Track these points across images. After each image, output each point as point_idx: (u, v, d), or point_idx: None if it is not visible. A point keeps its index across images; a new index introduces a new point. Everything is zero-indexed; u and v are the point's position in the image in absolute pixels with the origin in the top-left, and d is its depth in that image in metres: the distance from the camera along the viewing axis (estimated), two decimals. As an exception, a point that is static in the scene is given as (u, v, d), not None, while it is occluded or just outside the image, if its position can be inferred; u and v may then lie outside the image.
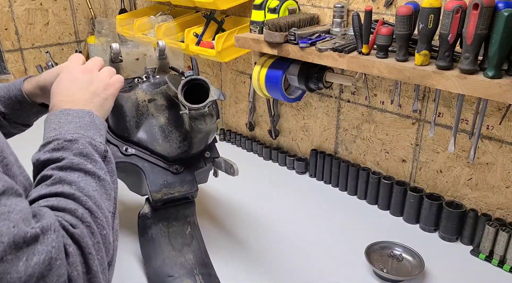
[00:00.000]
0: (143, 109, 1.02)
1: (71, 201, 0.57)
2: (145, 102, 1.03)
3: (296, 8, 1.31)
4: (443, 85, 0.92)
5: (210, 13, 1.56)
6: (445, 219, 1.13)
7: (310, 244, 1.15)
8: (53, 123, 0.68)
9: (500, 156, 1.09)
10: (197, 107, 0.91)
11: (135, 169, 1.01)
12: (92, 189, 0.61)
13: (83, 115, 0.70)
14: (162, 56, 1.08)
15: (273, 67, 1.27)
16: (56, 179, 0.59)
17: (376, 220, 1.25)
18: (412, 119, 1.23)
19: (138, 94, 1.03)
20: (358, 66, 1.05)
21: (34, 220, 0.50)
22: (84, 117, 0.70)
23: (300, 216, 1.27)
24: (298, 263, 1.07)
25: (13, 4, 1.99)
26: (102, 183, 0.63)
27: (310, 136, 1.52)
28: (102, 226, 0.58)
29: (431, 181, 1.25)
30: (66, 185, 0.59)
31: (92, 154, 0.65)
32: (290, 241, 1.16)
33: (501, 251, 1.04)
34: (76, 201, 0.57)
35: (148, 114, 1.03)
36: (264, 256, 1.10)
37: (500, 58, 0.85)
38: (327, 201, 1.34)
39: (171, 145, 1.02)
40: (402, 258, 1.06)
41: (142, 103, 1.03)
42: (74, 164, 0.62)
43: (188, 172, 1.04)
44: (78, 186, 0.59)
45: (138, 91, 1.03)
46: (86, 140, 0.66)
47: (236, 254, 1.10)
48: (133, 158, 1.00)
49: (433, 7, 0.90)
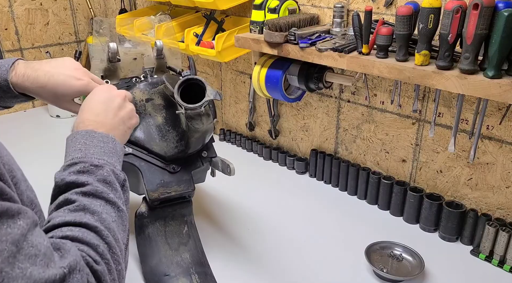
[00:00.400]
0: (140, 108, 1.03)
1: (94, 234, 0.58)
2: (142, 101, 1.04)
3: (296, 8, 1.31)
4: (443, 85, 0.92)
5: (210, 13, 1.56)
6: (445, 219, 1.13)
7: (310, 244, 1.15)
8: (79, 143, 0.68)
9: (500, 156, 1.09)
10: (193, 106, 0.91)
11: (132, 168, 1.01)
12: (112, 220, 0.62)
13: (108, 140, 0.71)
14: (160, 56, 1.09)
15: (273, 67, 1.27)
16: (80, 206, 0.60)
17: (376, 220, 1.25)
18: (412, 119, 1.23)
19: (135, 94, 1.03)
20: (358, 66, 1.05)
21: (57, 255, 0.50)
22: (108, 143, 0.70)
23: (300, 216, 1.27)
24: (297, 263, 1.07)
25: (13, 4, 1.99)
26: (120, 214, 0.64)
27: (310, 136, 1.52)
28: (118, 261, 0.59)
29: (431, 181, 1.25)
30: (89, 214, 0.59)
31: (114, 183, 0.66)
32: (289, 241, 1.16)
33: (501, 251, 1.04)
34: (99, 235, 0.58)
35: (145, 113, 1.03)
36: (263, 256, 1.10)
37: (500, 58, 0.85)
38: (327, 201, 1.34)
39: (168, 144, 1.03)
40: (402, 258, 1.06)
41: (140, 102, 1.03)
42: (98, 192, 0.62)
43: (185, 171, 1.04)
44: (100, 217, 0.60)
45: (136, 91, 1.04)
46: (110, 168, 0.67)
47: (233, 254, 1.10)
48: (130, 157, 1.01)
49: (433, 7, 0.90)
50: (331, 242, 1.15)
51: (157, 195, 1.00)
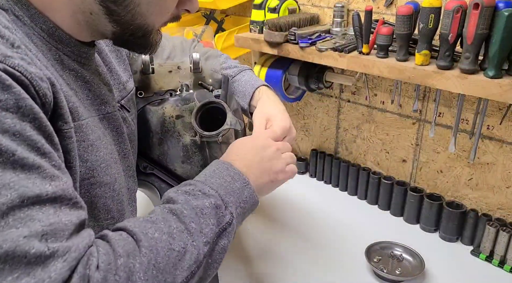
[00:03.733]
0: (169, 125, 0.93)
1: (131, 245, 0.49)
2: (172, 118, 0.93)
3: (296, 7, 1.31)
4: (444, 85, 0.92)
5: (210, 13, 1.56)
6: (446, 219, 1.13)
7: (310, 244, 1.14)
8: (209, 170, 0.67)
9: (500, 156, 1.09)
10: (208, 134, 0.84)
11: (150, 188, 0.95)
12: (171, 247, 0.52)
13: (238, 179, 0.65)
14: (196, 70, 0.98)
15: (273, 67, 1.26)
16: (152, 219, 0.54)
17: (376, 220, 1.24)
18: (412, 119, 1.23)
19: (165, 109, 0.93)
20: (359, 66, 1.05)
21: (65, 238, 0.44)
22: (237, 182, 0.65)
23: (300, 216, 1.27)
24: (297, 263, 1.07)
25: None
26: (191, 249, 0.53)
27: (310, 136, 1.52)
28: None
29: (431, 181, 1.24)
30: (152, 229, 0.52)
31: (209, 217, 0.58)
32: (289, 241, 1.15)
33: (502, 252, 1.03)
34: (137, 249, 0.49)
35: (173, 131, 0.93)
36: (261, 256, 1.10)
37: (501, 58, 0.85)
38: (327, 201, 1.34)
39: (192, 168, 0.94)
40: (402, 258, 1.06)
41: (169, 119, 0.93)
42: (182, 214, 0.56)
43: None
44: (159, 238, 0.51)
45: (167, 106, 0.93)
46: (217, 202, 0.60)
47: (233, 254, 1.10)
48: (151, 177, 0.94)
49: (433, 7, 0.90)
50: (331, 242, 1.15)
51: None
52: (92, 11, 0.57)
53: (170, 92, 0.96)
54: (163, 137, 0.94)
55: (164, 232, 0.53)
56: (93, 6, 0.56)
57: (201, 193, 0.60)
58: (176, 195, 0.60)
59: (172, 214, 0.56)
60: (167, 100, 0.94)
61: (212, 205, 0.59)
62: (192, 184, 0.62)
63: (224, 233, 0.59)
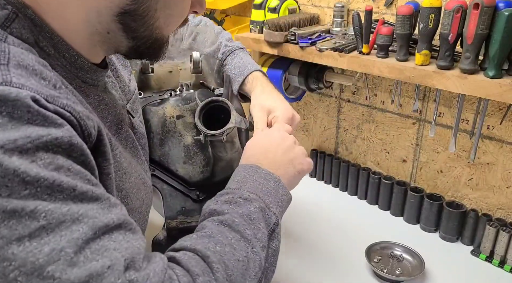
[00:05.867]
0: (170, 125, 0.92)
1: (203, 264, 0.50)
2: (173, 118, 0.92)
3: (296, 7, 1.31)
4: (444, 85, 0.92)
5: (210, 13, 1.56)
6: (446, 219, 1.13)
7: (310, 244, 1.14)
8: (239, 175, 0.66)
9: (500, 156, 1.09)
10: (212, 133, 0.83)
11: (154, 191, 0.93)
12: (237, 258, 0.53)
13: (270, 179, 0.66)
14: (196, 69, 0.97)
15: (273, 66, 1.26)
16: (208, 233, 0.55)
17: (376, 220, 1.24)
18: (412, 119, 1.23)
19: (166, 109, 0.92)
20: (359, 65, 1.05)
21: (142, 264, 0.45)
22: (270, 182, 0.65)
23: (300, 216, 1.26)
24: (297, 263, 1.07)
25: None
26: (253, 256, 0.55)
27: (310, 136, 1.52)
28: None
29: (431, 181, 1.24)
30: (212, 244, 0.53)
31: (258, 221, 0.59)
32: (289, 241, 1.15)
33: (502, 252, 1.03)
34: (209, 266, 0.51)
35: (174, 131, 0.92)
36: (264, 256, 1.10)
37: (501, 58, 0.85)
38: (327, 201, 1.34)
39: (194, 168, 0.93)
40: (402, 258, 1.06)
41: (170, 119, 0.92)
42: (234, 223, 0.56)
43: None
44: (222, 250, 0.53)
45: (167, 106, 0.92)
46: (260, 204, 0.61)
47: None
48: (152, 178, 0.92)
49: (433, 7, 0.90)
50: (331, 242, 1.15)
51: (176, 224, 0.91)
52: (109, 30, 0.54)
53: (170, 92, 0.96)
54: (164, 138, 0.93)
55: (224, 244, 0.53)
56: (111, 25, 0.53)
57: (242, 200, 0.60)
58: (219, 206, 0.59)
59: (223, 225, 0.56)
60: (167, 100, 0.93)
61: (257, 209, 0.60)
62: (230, 193, 0.62)
63: (273, 234, 0.61)
